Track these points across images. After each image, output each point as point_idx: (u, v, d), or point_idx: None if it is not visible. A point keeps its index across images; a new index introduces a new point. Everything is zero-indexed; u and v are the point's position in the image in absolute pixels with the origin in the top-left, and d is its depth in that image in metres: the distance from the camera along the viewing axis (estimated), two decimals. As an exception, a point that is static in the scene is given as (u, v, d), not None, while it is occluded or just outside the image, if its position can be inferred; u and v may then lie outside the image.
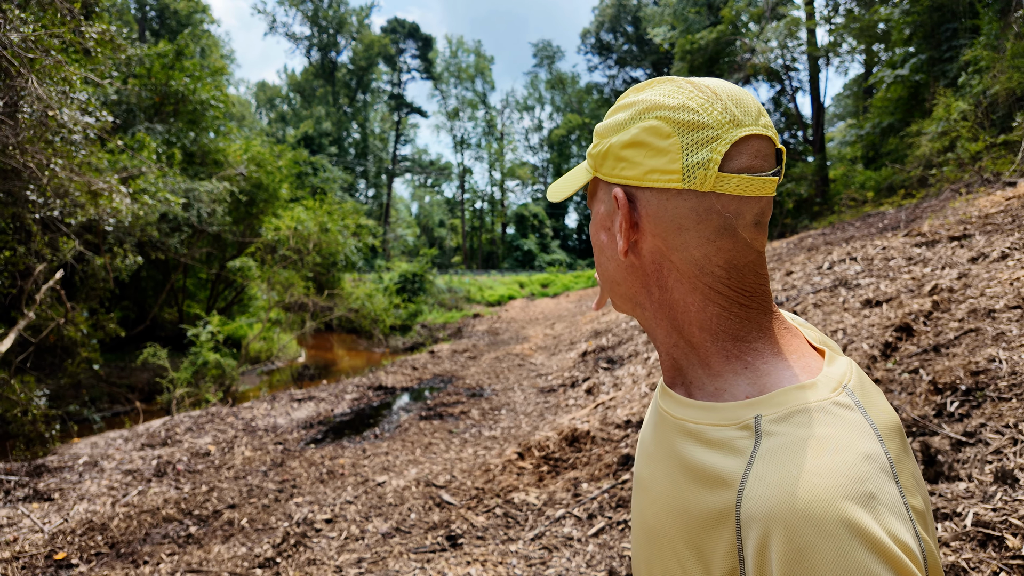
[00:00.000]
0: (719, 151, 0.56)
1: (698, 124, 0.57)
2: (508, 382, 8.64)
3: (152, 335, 12.50)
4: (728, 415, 0.57)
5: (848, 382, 0.57)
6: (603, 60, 51.69)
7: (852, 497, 0.46)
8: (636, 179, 0.60)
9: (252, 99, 53.37)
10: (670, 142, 0.57)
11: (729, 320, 0.60)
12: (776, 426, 0.53)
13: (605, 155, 0.63)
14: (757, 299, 0.61)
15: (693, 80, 0.60)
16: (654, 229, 0.60)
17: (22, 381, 6.59)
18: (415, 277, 23.90)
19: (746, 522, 0.50)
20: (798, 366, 0.59)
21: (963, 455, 2.45)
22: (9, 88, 5.42)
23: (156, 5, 35.39)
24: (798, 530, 0.46)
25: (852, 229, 10.79)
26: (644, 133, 0.59)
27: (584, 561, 3.04)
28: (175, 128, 12.33)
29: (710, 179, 0.56)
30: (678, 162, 0.57)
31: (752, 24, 25.15)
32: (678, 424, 0.62)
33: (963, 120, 11.76)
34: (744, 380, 0.59)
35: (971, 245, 5.52)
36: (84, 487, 4.98)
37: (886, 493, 0.47)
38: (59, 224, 7.34)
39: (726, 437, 0.55)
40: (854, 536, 0.44)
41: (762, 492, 0.49)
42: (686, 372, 0.64)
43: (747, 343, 0.60)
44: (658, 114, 0.58)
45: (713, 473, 0.55)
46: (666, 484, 0.61)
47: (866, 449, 0.50)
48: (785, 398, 0.55)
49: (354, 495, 4.41)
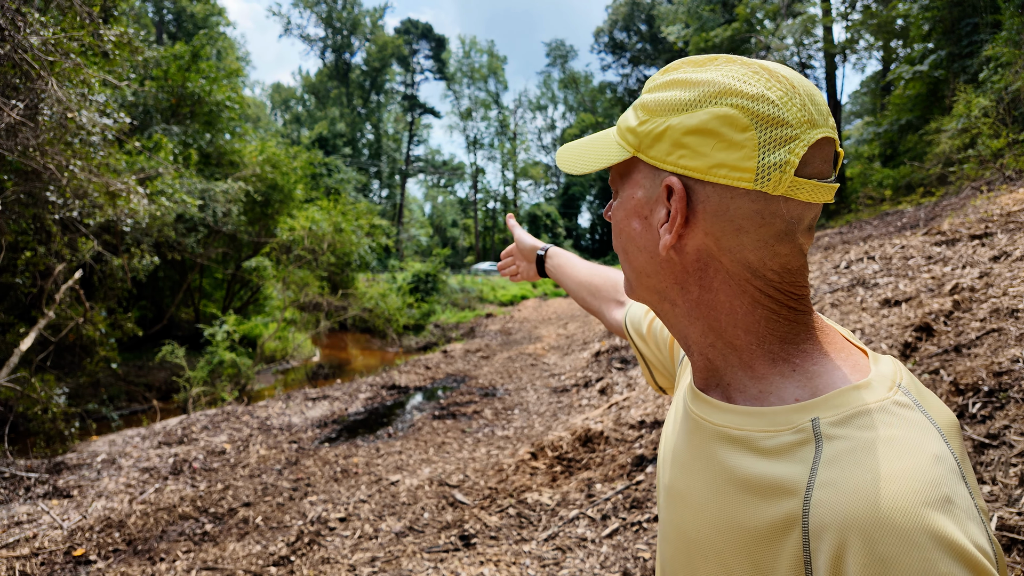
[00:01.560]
0: (797, 153, 0.52)
1: (778, 120, 0.52)
2: (521, 382, 8.63)
3: (169, 334, 12.64)
4: (780, 420, 0.53)
5: (901, 380, 0.54)
6: (616, 59, 51.51)
7: (931, 503, 0.43)
8: (699, 171, 0.54)
9: (267, 100, 53.89)
10: (746, 136, 0.52)
11: (778, 323, 0.57)
12: (837, 429, 0.50)
13: (659, 136, 0.56)
14: (804, 302, 0.58)
15: (766, 65, 0.55)
16: (708, 227, 0.55)
17: (42, 379, 6.69)
18: (428, 277, 23.95)
19: (816, 532, 0.47)
20: (847, 366, 0.55)
21: (986, 457, 2.40)
22: (30, 91, 5.51)
23: (173, 8, 35.85)
24: (879, 540, 0.43)
25: (870, 228, 10.65)
26: (717, 121, 0.53)
27: (598, 562, 3.02)
28: (191, 129, 12.45)
29: (784, 183, 0.52)
30: (753, 160, 0.52)
31: (767, 21, 24.94)
32: (720, 431, 0.58)
33: (984, 116, 11.55)
34: (793, 383, 0.56)
35: (993, 243, 5.42)
36: (102, 484, 5.05)
37: (960, 496, 0.45)
38: (78, 225, 7.45)
39: (782, 443, 0.52)
40: (938, 545, 0.42)
41: (834, 500, 0.46)
42: (724, 374, 0.61)
43: (795, 345, 0.57)
44: (734, 101, 0.52)
45: (771, 483, 0.51)
46: (709, 496, 0.57)
47: (935, 450, 0.47)
48: (842, 400, 0.52)
49: (368, 494, 4.42)
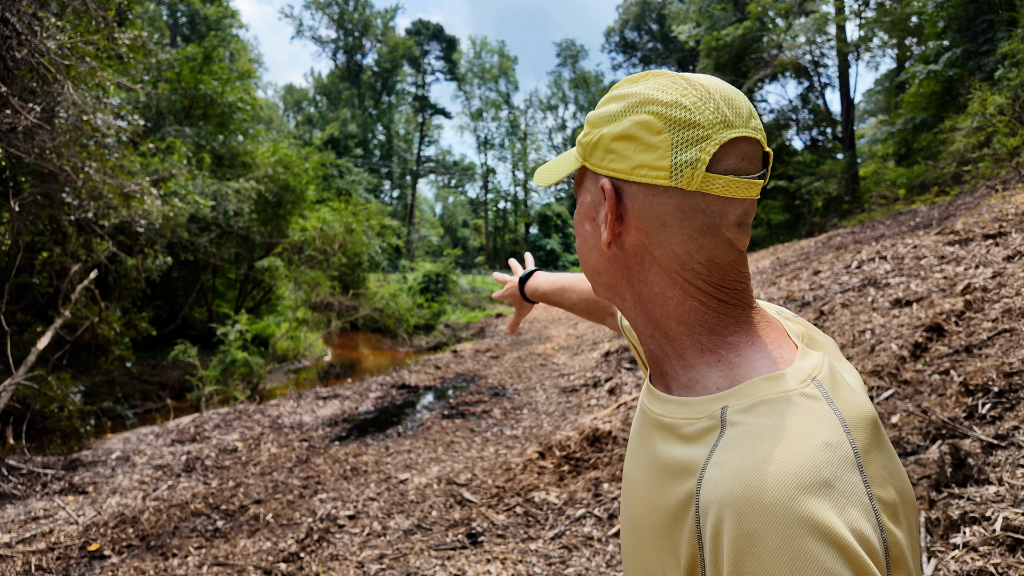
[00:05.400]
0: (708, 151, 0.56)
1: (689, 122, 0.57)
2: (530, 382, 8.64)
3: (182, 334, 12.78)
4: (700, 409, 0.58)
5: (818, 374, 0.56)
6: (627, 58, 51.33)
7: (804, 485, 0.46)
8: (624, 172, 0.60)
9: (280, 102, 54.24)
10: (660, 138, 0.57)
11: (707, 315, 0.61)
12: (740, 416, 0.54)
13: (595, 145, 0.62)
14: (736, 295, 0.61)
15: (688, 76, 0.60)
16: (638, 223, 0.61)
17: (58, 378, 6.79)
18: (439, 277, 24.02)
19: (704, 508, 0.50)
20: (770, 359, 0.59)
21: (994, 458, 2.38)
22: (47, 94, 5.60)
23: (187, 11, 36.20)
24: (748, 516, 0.46)
25: (882, 227, 10.55)
26: (636, 127, 0.59)
27: (604, 561, 3.03)
28: (204, 131, 12.56)
29: (697, 179, 0.56)
30: (667, 159, 0.57)
31: (779, 20, 24.74)
32: (656, 420, 0.63)
33: (1000, 115, 11.38)
34: (717, 372, 0.60)
35: (1007, 243, 5.35)
36: (117, 481, 5.13)
37: (845, 482, 0.47)
38: (93, 226, 7.55)
39: (698, 430, 0.56)
40: (804, 524, 0.44)
41: (717, 478, 0.50)
42: (663, 364, 0.65)
43: (722, 337, 0.61)
44: (651, 109, 0.58)
45: (681, 465, 0.56)
46: (645, 480, 0.62)
47: (826, 439, 0.50)
48: (752, 389, 0.55)
49: (377, 492, 4.46)
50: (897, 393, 3.45)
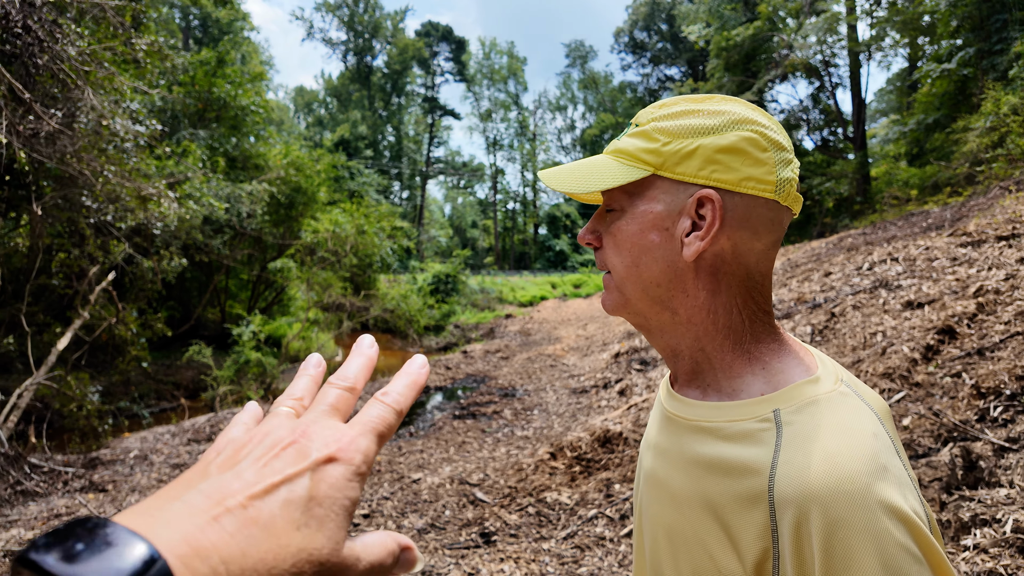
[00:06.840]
0: (796, 172, 0.65)
1: (781, 145, 0.64)
2: (540, 383, 8.68)
3: (196, 334, 12.91)
4: (744, 411, 0.62)
5: (842, 375, 0.64)
6: (637, 59, 51.25)
7: (871, 472, 0.52)
8: (731, 183, 0.62)
9: (291, 104, 54.58)
10: (767, 155, 0.63)
11: (755, 324, 0.66)
12: (794, 416, 0.59)
13: (690, 155, 0.63)
14: (770, 305, 0.68)
15: (754, 106, 0.67)
16: (732, 233, 0.64)
17: (77, 378, 6.91)
18: (448, 278, 24.10)
19: (780, 504, 0.55)
20: (803, 365, 0.65)
21: (1005, 461, 2.40)
22: (67, 100, 5.71)
23: (199, 15, 36.49)
24: (832, 505, 0.51)
25: (894, 228, 10.50)
26: (744, 142, 0.63)
27: (616, 561, 3.06)
28: (217, 133, 12.70)
29: (792, 195, 0.64)
30: (773, 174, 0.63)
31: (790, 20, 24.63)
32: (691, 425, 0.67)
33: (1014, 115, 11.31)
34: (760, 379, 0.64)
35: (1020, 245, 5.34)
36: (135, 479, 5.22)
37: (894, 466, 0.54)
38: (111, 228, 7.67)
39: (747, 430, 0.61)
40: (879, 505, 0.50)
41: (793, 475, 0.55)
42: (705, 375, 0.68)
43: (766, 344, 0.66)
44: (755, 128, 0.64)
45: (738, 463, 0.60)
46: (686, 480, 0.65)
47: (872, 429, 0.56)
48: (799, 393, 0.61)
49: (390, 491, 4.51)
50: (909, 396, 3.46)
